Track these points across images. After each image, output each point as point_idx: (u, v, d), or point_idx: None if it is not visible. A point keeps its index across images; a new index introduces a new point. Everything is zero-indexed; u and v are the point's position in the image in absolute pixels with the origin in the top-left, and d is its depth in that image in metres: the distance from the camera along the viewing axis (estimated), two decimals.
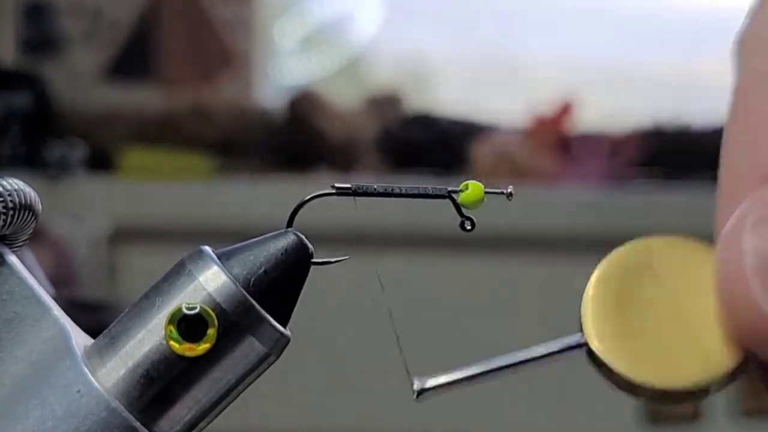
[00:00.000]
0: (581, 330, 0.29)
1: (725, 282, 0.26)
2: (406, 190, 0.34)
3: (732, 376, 0.27)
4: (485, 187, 0.33)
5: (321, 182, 0.33)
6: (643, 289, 0.28)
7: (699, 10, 2.08)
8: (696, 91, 2.03)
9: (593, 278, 0.29)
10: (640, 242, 0.29)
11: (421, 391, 0.30)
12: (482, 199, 0.33)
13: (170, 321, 0.32)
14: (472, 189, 0.33)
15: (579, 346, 0.29)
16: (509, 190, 0.34)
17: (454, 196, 0.33)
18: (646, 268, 0.29)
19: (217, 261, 0.32)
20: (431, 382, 0.30)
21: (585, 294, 0.29)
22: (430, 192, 0.34)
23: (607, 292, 0.29)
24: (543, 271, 1.64)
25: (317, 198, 0.34)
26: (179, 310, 0.32)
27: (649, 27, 2.03)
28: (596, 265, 0.30)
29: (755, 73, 0.27)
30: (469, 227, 0.34)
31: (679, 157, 1.71)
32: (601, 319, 0.28)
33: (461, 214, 0.33)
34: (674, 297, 0.28)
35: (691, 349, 0.27)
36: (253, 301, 0.32)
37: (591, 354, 0.29)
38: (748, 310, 0.25)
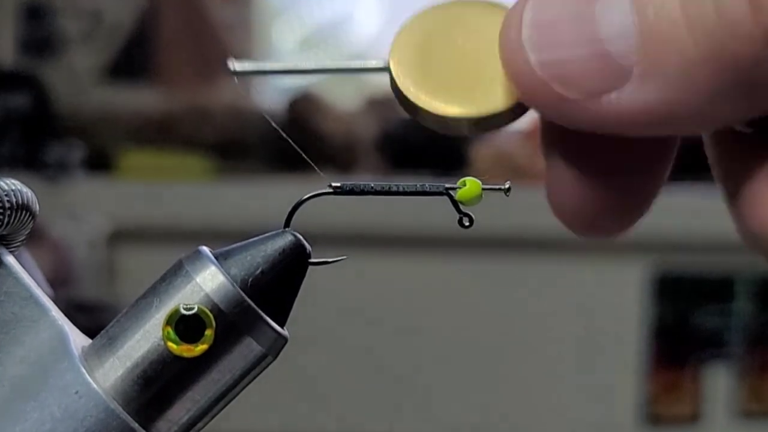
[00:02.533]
0: (388, 59, 0.32)
1: (505, 39, 0.30)
2: (403, 188, 0.34)
3: (507, 116, 0.31)
4: (483, 184, 0.33)
5: (320, 183, 0.33)
6: (449, 37, 0.32)
7: None
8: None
9: (409, 18, 0.33)
10: (458, 1, 0.33)
11: (236, 72, 0.34)
12: (480, 196, 0.33)
13: (168, 322, 0.32)
14: (469, 185, 0.33)
15: (382, 69, 0.33)
16: (507, 186, 0.34)
17: (451, 192, 0.33)
18: (455, 20, 0.32)
19: (215, 261, 0.32)
20: (243, 66, 0.35)
21: (399, 28, 0.33)
22: (428, 189, 0.34)
23: (419, 31, 0.32)
24: (542, 272, 1.64)
25: (314, 198, 0.34)
26: (177, 310, 0.32)
27: None
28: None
29: None
30: (467, 224, 0.34)
31: (677, 158, 1.71)
32: (407, 50, 0.32)
33: (459, 211, 0.33)
34: (473, 46, 0.32)
35: (477, 86, 0.31)
36: (251, 302, 0.32)
37: (392, 80, 0.32)
38: (516, 59, 0.29)
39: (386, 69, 0.32)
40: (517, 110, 0.31)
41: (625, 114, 0.28)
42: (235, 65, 0.34)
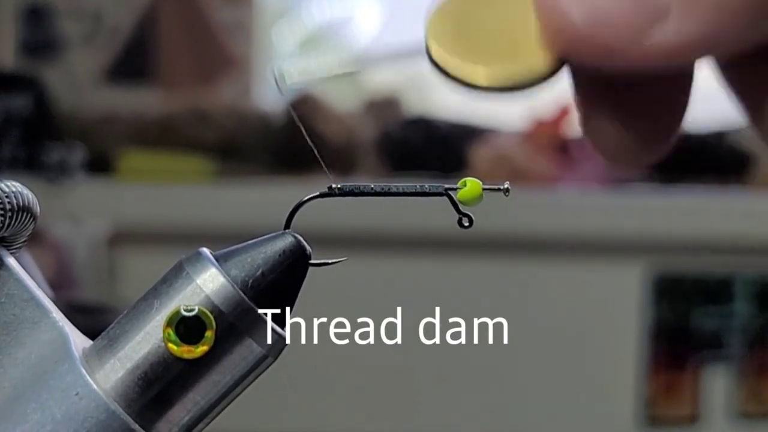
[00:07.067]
0: (426, 43, 0.32)
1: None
2: (403, 189, 0.34)
3: (545, 77, 0.32)
4: (483, 185, 0.33)
5: (320, 185, 0.34)
6: (479, 11, 0.32)
7: None
8: (693, 95, 2.03)
9: (437, 5, 0.33)
10: None
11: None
12: (481, 196, 0.33)
13: (168, 323, 0.32)
14: (470, 185, 0.33)
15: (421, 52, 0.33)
16: (506, 186, 0.34)
17: (451, 193, 0.33)
18: None
19: (215, 263, 0.32)
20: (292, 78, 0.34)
21: (429, 14, 0.33)
22: (428, 190, 0.34)
23: (449, 12, 0.33)
24: (541, 273, 1.64)
25: (314, 199, 0.34)
26: (177, 312, 0.32)
27: None
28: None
29: None
30: (467, 224, 0.34)
31: (677, 160, 1.71)
32: (441, 31, 0.32)
33: (459, 211, 0.34)
34: (503, 15, 0.32)
35: (513, 53, 0.32)
36: (251, 303, 0.32)
37: (432, 60, 0.32)
38: (556, 18, 0.30)
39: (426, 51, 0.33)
40: (555, 69, 0.31)
41: (668, 49, 0.29)
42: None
